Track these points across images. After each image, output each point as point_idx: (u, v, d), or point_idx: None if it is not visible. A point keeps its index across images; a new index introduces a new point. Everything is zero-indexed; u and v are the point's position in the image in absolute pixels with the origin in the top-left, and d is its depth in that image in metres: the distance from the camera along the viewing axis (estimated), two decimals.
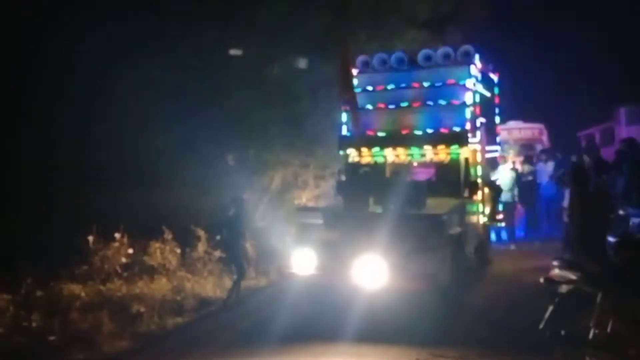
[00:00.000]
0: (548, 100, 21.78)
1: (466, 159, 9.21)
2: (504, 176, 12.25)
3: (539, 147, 17.12)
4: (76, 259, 8.96)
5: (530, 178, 13.61)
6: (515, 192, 12.69)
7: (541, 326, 5.52)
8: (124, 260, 9.27)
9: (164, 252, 9.74)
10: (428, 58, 9.67)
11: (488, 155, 10.66)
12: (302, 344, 7.06)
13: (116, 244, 9.21)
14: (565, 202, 10.36)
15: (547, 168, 14.16)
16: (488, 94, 10.82)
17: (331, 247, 7.69)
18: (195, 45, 10.87)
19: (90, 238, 8.93)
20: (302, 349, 6.91)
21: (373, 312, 7.39)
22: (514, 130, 17.43)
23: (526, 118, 18.26)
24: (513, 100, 14.86)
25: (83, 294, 8.53)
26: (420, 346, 6.64)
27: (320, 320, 7.70)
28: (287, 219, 11.03)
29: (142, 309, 8.29)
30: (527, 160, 14.20)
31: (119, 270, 9.24)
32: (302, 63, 10.90)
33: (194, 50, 10.88)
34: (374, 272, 7.29)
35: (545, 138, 18.17)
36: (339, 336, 7.04)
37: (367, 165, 9.40)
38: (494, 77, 11.42)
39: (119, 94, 10.67)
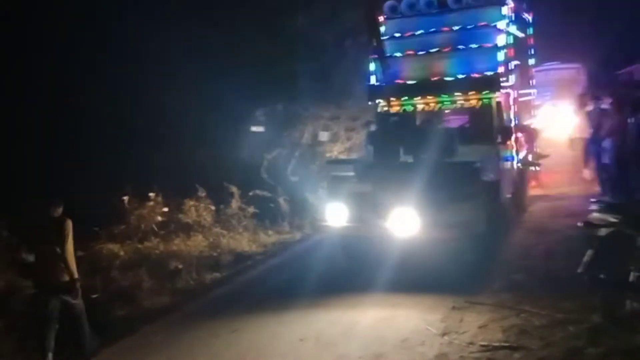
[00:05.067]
0: (585, 39, 20.94)
1: (499, 104, 8.97)
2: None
3: (577, 89, 16.61)
4: (113, 219, 9.16)
5: None
6: None
7: (579, 271, 5.43)
8: (159, 218, 9.47)
9: (198, 209, 9.92)
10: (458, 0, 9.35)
11: (523, 99, 10.38)
12: (338, 295, 7.14)
13: (151, 203, 9.38)
14: (605, 143, 10.06)
15: None
16: (521, 35, 10.46)
17: (363, 199, 7.64)
18: None
19: (126, 198, 9.10)
20: (338, 301, 6.99)
21: (407, 262, 7.40)
22: (550, 71, 16.90)
23: (563, 59, 17.67)
24: (548, 40, 14.34)
25: (122, 253, 8.77)
26: (456, 294, 6.62)
27: (355, 272, 7.75)
28: (318, 172, 11.04)
29: (180, 266, 8.48)
30: None
31: (156, 229, 9.43)
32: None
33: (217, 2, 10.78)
34: (407, 222, 7.25)
35: (583, 78, 17.60)
36: (373, 287, 7.09)
37: (397, 114, 9.24)
38: (528, 17, 11.01)
39: (146, 52, 10.66)
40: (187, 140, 11.28)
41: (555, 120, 14.36)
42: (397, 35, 9.52)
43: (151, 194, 9.40)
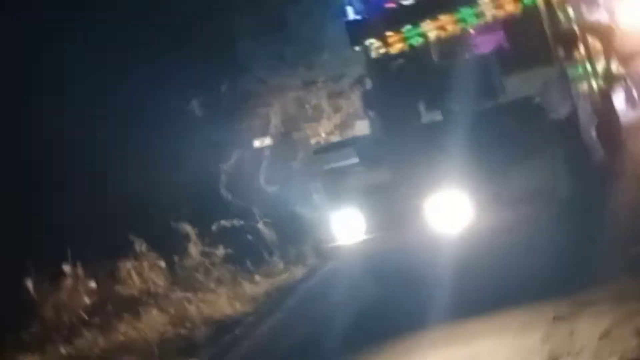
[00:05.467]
0: None
1: (548, 2, 9.00)
2: None
3: None
4: (20, 317, 9.15)
5: None
6: None
7: None
8: (87, 300, 9.44)
9: (141, 271, 9.89)
10: None
11: None
12: (379, 344, 7.12)
13: (68, 282, 9.36)
14: None
15: None
16: None
17: (381, 194, 7.67)
18: None
19: (29, 282, 9.09)
20: (381, 353, 6.97)
21: (469, 269, 7.37)
22: None
23: None
24: None
25: None
26: (554, 298, 6.60)
27: (396, 303, 7.78)
28: (305, 170, 11.05)
29: None
30: None
31: (86, 317, 9.41)
32: None
33: None
34: (454, 211, 7.28)
35: None
36: (430, 318, 7.06)
37: (402, 55, 9.27)
38: None
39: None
40: (103, 175, 11.32)
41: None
42: None
43: (65, 267, 9.39)
